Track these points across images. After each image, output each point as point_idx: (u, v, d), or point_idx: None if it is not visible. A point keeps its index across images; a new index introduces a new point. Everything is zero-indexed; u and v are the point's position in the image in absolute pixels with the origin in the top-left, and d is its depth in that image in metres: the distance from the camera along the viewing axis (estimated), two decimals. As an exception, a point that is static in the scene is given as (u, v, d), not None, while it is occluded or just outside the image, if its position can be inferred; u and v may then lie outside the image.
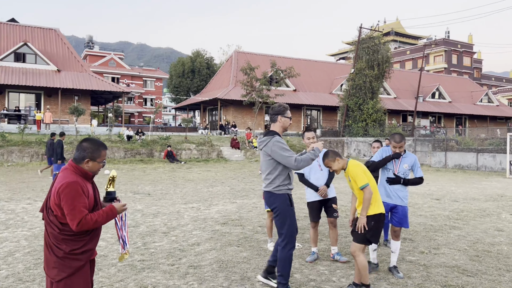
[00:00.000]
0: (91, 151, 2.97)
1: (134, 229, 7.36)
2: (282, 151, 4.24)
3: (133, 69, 66.35)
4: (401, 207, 5.20)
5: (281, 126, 4.51)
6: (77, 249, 2.86)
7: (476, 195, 12.80)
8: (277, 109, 4.52)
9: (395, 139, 5.14)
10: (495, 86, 77.14)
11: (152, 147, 25.04)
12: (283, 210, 4.33)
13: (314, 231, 5.72)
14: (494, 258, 5.81)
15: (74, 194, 2.79)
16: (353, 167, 4.34)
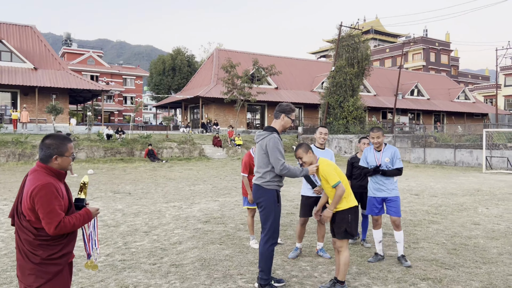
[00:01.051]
0: (56, 146, 2.81)
1: (115, 228, 7.27)
2: (275, 150, 4.29)
3: (112, 67, 65.37)
4: (393, 197, 5.40)
5: (282, 124, 4.55)
6: (55, 254, 2.74)
7: (454, 190, 13.08)
8: (283, 107, 4.56)
9: (372, 130, 5.46)
10: (471, 83, 78.83)
11: (132, 146, 24.75)
12: (269, 205, 4.37)
13: (301, 227, 5.77)
14: (471, 251, 5.95)
15: (50, 197, 2.64)
16: (325, 166, 4.36)
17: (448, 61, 77.04)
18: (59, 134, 2.95)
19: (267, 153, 4.36)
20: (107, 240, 6.49)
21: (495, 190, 13.00)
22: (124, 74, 65.41)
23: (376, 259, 5.48)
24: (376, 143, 5.45)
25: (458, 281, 4.71)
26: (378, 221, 5.52)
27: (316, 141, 5.76)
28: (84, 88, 32.65)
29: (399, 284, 4.62)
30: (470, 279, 4.79)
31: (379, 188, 5.43)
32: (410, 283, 4.66)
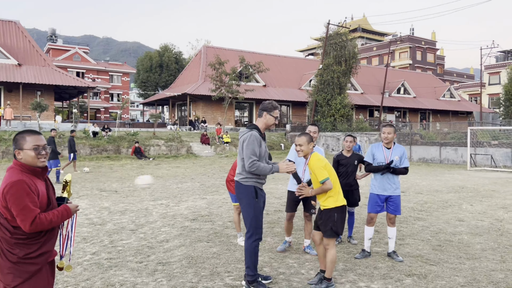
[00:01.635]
0: (16, 140, 2.74)
1: (101, 227, 7.21)
2: (249, 147, 4.28)
3: (98, 64, 64.64)
4: (395, 197, 5.46)
5: (265, 122, 4.52)
6: (32, 253, 2.67)
7: (439, 187, 13.25)
8: (265, 105, 4.56)
9: (384, 126, 5.53)
10: (456, 82, 79.92)
11: (119, 143, 24.54)
12: (248, 202, 4.37)
13: (288, 222, 5.86)
14: (455, 247, 6.04)
15: (21, 193, 2.58)
16: (315, 161, 4.40)
17: (434, 59, 77.94)
18: (26, 129, 2.85)
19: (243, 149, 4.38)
20: (93, 238, 6.43)
21: (479, 187, 13.21)
22: (111, 71, 64.73)
23: (363, 255, 5.53)
24: (386, 139, 5.46)
25: (442, 277, 4.78)
26: (373, 219, 5.58)
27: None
28: (70, 84, 32.24)
29: (385, 280, 4.67)
30: (454, 274, 4.87)
31: (384, 187, 5.46)
32: (396, 279, 4.71)
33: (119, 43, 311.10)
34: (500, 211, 8.96)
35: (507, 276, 4.84)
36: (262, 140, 4.45)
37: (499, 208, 9.35)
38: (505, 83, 42.37)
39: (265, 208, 8.94)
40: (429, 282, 4.60)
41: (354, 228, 6.86)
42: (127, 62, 79.07)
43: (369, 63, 73.48)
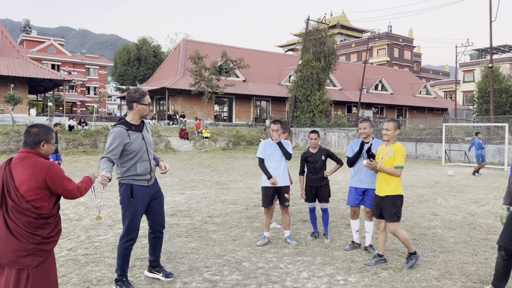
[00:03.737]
0: (44, 133, 3.10)
1: (77, 222, 7.09)
2: (109, 142, 4.03)
3: (75, 56, 63.25)
4: (372, 191, 5.50)
5: (137, 113, 4.20)
6: (52, 231, 3.04)
7: (415, 182, 13.54)
8: (131, 96, 4.17)
9: (360, 122, 5.69)
10: (432, 79, 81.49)
11: (96, 137, 24.13)
12: (123, 200, 4.17)
13: (266, 216, 5.98)
14: (430, 241, 6.20)
15: (62, 171, 3.08)
16: (401, 148, 4.87)
17: (411, 57, 79.27)
18: (43, 124, 3.26)
19: None
20: (69, 234, 6.32)
21: (453, 182, 13.56)
22: (87, 64, 63.45)
23: (352, 247, 5.70)
24: (363, 134, 5.58)
25: (417, 270, 4.89)
26: (356, 212, 5.71)
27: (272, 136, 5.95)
28: (45, 77, 31.46)
29: (362, 274, 4.75)
30: (429, 267, 4.99)
31: (361, 180, 5.58)
32: (372, 272, 4.80)
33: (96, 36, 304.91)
34: (473, 206, 9.23)
35: (479, 268, 5.00)
36: (134, 133, 4.13)
37: (471, 203, 9.63)
38: (479, 81, 43.46)
39: (244, 203, 8.99)
40: (404, 275, 4.71)
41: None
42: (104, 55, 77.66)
43: (347, 60, 74.18)
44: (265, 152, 5.90)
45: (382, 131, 5.03)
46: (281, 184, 5.84)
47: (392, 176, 4.85)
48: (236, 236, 6.30)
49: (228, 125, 37.67)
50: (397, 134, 4.98)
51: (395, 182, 4.86)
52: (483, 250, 5.76)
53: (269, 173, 5.80)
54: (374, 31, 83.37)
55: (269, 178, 5.79)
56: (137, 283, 4.38)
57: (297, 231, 6.66)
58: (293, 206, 8.82)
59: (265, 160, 5.89)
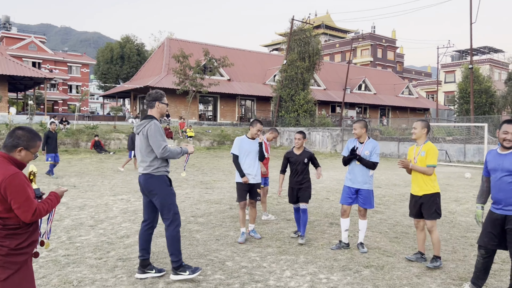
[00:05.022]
0: (26, 139, 2.81)
1: (58, 223, 6.98)
2: (158, 135, 4.36)
3: (56, 54, 62.14)
4: (364, 190, 5.60)
5: (159, 112, 4.59)
6: (22, 243, 2.74)
7: (397, 181, 13.72)
8: (154, 95, 4.57)
9: (354, 123, 5.73)
10: (415, 79, 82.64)
11: (77, 136, 23.78)
12: (162, 190, 4.44)
13: (242, 212, 6.11)
14: (411, 239, 6.29)
15: (23, 185, 2.66)
16: (433, 148, 4.95)
17: (394, 57, 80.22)
18: (32, 128, 2.93)
19: (147, 140, 4.39)
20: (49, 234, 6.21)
21: (434, 181, 13.76)
22: (69, 62, 62.42)
23: (339, 246, 5.72)
24: (355, 134, 5.65)
25: (398, 268, 4.96)
26: (346, 211, 5.74)
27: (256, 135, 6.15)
28: (25, 75, 30.82)
29: (344, 272, 4.79)
30: (409, 265, 5.07)
31: (353, 179, 5.63)
32: (355, 270, 4.85)
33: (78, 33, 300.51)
34: (453, 204, 9.40)
35: (458, 265, 5.09)
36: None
37: (452, 201, 9.80)
38: (460, 82, 44.23)
39: (228, 203, 8.98)
40: (385, 273, 4.77)
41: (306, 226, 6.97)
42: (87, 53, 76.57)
43: (332, 60, 74.67)
44: (241, 149, 6.04)
45: (412, 130, 5.16)
46: (253, 182, 6.05)
47: (427, 176, 4.93)
48: (220, 236, 6.29)
49: (213, 124, 37.55)
50: (425, 133, 5.05)
51: (431, 181, 4.96)
52: (462, 248, 5.87)
53: (242, 171, 5.98)
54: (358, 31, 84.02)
55: (242, 176, 5.96)
56: (119, 284, 4.34)
57: (281, 230, 6.68)
58: (277, 205, 8.85)
59: (240, 157, 6.04)
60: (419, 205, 5.02)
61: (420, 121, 5.17)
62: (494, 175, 4.06)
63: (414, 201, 5.09)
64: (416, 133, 5.08)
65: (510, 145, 3.95)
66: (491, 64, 58.59)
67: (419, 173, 4.98)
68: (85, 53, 70.63)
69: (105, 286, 4.28)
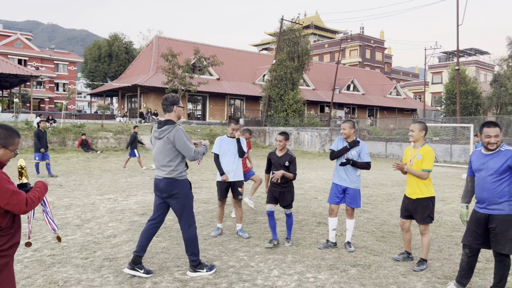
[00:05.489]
0: (3, 137, 2.74)
1: (44, 222, 6.88)
2: (186, 140, 4.48)
3: (43, 51, 61.37)
4: (351, 189, 5.61)
5: (176, 115, 4.66)
6: (4, 245, 2.66)
7: (384, 181, 13.84)
8: (171, 99, 4.61)
9: (342, 123, 5.75)
10: (403, 80, 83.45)
11: (64, 135, 23.51)
12: (185, 194, 4.58)
13: (220, 209, 6.34)
14: (398, 238, 6.34)
15: (4, 181, 2.60)
16: (430, 151, 4.91)
17: (382, 58, 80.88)
18: (10, 126, 2.85)
19: (174, 145, 4.47)
20: (35, 234, 6.14)
21: (421, 181, 13.91)
22: (56, 59, 61.68)
23: (327, 245, 5.74)
24: (343, 134, 5.66)
25: (385, 267, 5.01)
26: (334, 210, 5.75)
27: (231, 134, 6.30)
28: (10, 72, 30.36)
29: (331, 271, 4.82)
30: (396, 264, 5.12)
31: (341, 177, 5.65)
32: (342, 269, 4.88)
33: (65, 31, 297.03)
34: (439, 204, 9.50)
35: (443, 264, 5.16)
36: None
37: (438, 201, 9.90)
38: (446, 83, 44.80)
39: (216, 202, 8.95)
40: (372, 272, 4.81)
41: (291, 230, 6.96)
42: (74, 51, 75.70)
43: (321, 60, 74.98)
44: (220, 148, 6.19)
45: (409, 133, 5.11)
46: (234, 179, 6.14)
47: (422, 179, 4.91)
48: (208, 235, 6.28)
49: (202, 123, 37.44)
50: (423, 135, 4.99)
51: (426, 185, 4.91)
52: (447, 247, 5.94)
53: (222, 169, 6.11)
54: (347, 32, 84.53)
55: (222, 175, 6.07)
56: (106, 284, 4.30)
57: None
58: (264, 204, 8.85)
59: (220, 155, 6.18)
60: (411, 208, 5.00)
61: (417, 123, 5.09)
62: (478, 175, 4.12)
63: (407, 203, 5.07)
64: (414, 136, 5.00)
65: (494, 147, 4.00)
66: (477, 65, 59.44)
67: (412, 174, 4.97)
68: (73, 51, 69.82)
69: (91, 286, 4.24)
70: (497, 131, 3.96)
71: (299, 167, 18.47)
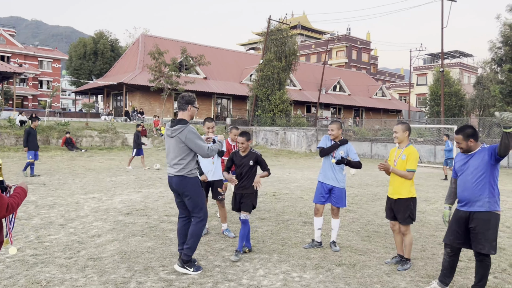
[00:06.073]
0: None
1: (27, 221, 6.78)
2: (197, 139, 4.59)
3: (26, 48, 60.33)
4: (337, 189, 5.65)
5: (190, 115, 4.76)
6: None
7: (369, 181, 13.96)
8: (187, 98, 4.75)
9: (330, 123, 5.75)
10: (388, 81, 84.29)
11: (48, 133, 23.15)
12: (196, 191, 4.70)
13: None
14: (382, 238, 6.42)
15: None
16: (414, 152, 4.96)
17: (368, 59, 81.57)
18: None
19: (186, 145, 4.59)
20: (17, 234, 6.04)
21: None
22: (40, 56, 60.71)
23: (312, 245, 5.77)
24: (331, 135, 5.67)
25: (369, 266, 5.06)
26: (320, 210, 5.77)
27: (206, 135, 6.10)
28: (-7, 69, 29.81)
29: (317, 270, 4.85)
30: (380, 263, 5.17)
31: (327, 175, 5.67)
32: (327, 269, 4.92)
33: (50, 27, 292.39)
34: (423, 204, 9.64)
35: (427, 263, 5.23)
36: None
37: (422, 201, 10.04)
38: (431, 84, 45.42)
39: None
40: (357, 271, 4.85)
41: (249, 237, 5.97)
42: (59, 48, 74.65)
43: (307, 60, 75.27)
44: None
45: (393, 134, 5.16)
46: (212, 179, 6.15)
47: (405, 179, 4.94)
48: (193, 235, 6.25)
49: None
50: (407, 136, 5.06)
51: (408, 185, 4.95)
52: (431, 246, 6.03)
53: (201, 169, 6.09)
54: (333, 33, 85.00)
55: (201, 175, 6.04)
56: (90, 284, 4.26)
57: (255, 229, 6.70)
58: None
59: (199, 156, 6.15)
60: (394, 208, 5.05)
61: (400, 124, 5.14)
62: (460, 175, 4.21)
63: (390, 203, 5.12)
64: (398, 137, 5.06)
65: (463, 151, 4.20)
66: (461, 68, 60.38)
67: (397, 176, 5.00)
68: (57, 48, 68.83)
69: (75, 286, 4.19)
70: (459, 138, 4.13)
71: (286, 167, 18.53)
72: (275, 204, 9.01)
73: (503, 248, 5.96)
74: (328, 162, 5.69)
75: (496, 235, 4.01)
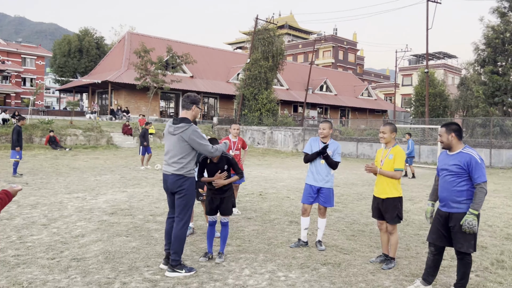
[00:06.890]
0: None
1: (8, 221, 6.66)
2: (201, 139, 4.63)
3: (9, 45, 59.23)
4: (325, 189, 5.66)
5: (193, 115, 4.79)
6: None
7: (355, 180, 14.07)
8: (193, 98, 4.79)
9: (321, 122, 5.79)
10: (374, 81, 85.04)
11: (31, 132, 22.79)
12: (190, 191, 4.71)
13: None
14: (367, 237, 6.47)
15: None
16: (401, 152, 5.00)
17: (354, 59, 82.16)
18: None
19: (189, 144, 4.60)
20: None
21: (390, 181, 14.21)
22: (23, 53, 59.67)
23: (298, 244, 5.78)
24: (321, 134, 5.69)
25: (354, 265, 5.09)
26: (307, 210, 5.78)
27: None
28: (-26, 66, 29.20)
29: (302, 270, 4.86)
30: (365, 262, 5.21)
31: (315, 178, 5.68)
32: (312, 268, 4.93)
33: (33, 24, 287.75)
34: (407, 203, 9.74)
35: (411, 262, 5.29)
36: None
37: (406, 200, 10.14)
38: (416, 85, 45.95)
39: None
40: (342, 270, 4.88)
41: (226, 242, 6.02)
42: (42, 45, 73.43)
43: (294, 60, 75.47)
44: None
45: (379, 134, 5.18)
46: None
47: (392, 179, 4.98)
48: (179, 235, 6.21)
49: (174, 121, 37.01)
50: (394, 137, 5.10)
51: (395, 185, 5.00)
52: (415, 245, 6.10)
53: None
54: (320, 33, 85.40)
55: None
56: (73, 284, 4.19)
57: (241, 229, 6.69)
58: (237, 204, 8.84)
59: None
60: (382, 208, 5.09)
61: (388, 125, 5.17)
62: (441, 174, 4.28)
63: (377, 203, 5.16)
64: (386, 138, 5.09)
65: (443, 146, 4.29)
66: (445, 69, 61.25)
67: (384, 176, 5.04)
68: (41, 45, 67.73)
69: (57, 287, 4.13)
70: (441, 131, 4.27)
71: (272, 166, 18.55)
72: (261, 204, 9.01)
73: (484, 247, 6.05)
74: (317, 163, 5.69)
75: (475, 235, 4.07)
